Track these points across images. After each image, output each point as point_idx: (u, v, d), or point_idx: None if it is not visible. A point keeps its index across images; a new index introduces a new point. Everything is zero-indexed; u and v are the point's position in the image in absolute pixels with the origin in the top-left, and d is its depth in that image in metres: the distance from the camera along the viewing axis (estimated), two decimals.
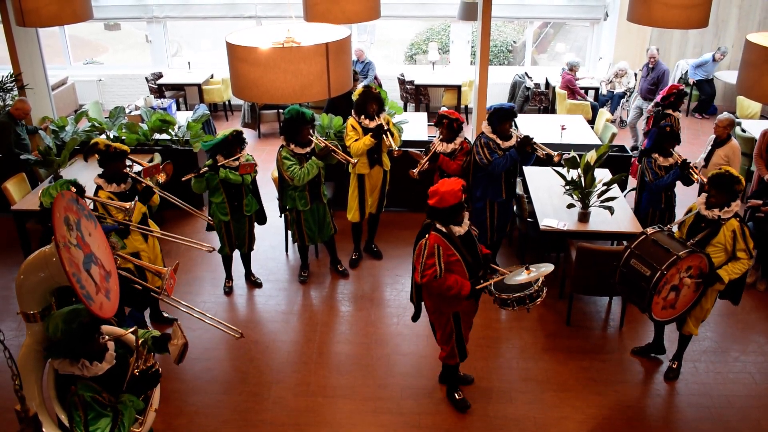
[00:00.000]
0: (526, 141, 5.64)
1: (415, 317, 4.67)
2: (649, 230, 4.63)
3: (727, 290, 4.73)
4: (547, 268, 4.16)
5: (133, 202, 4.78)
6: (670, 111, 7.05)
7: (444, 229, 4.17)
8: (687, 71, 10.98)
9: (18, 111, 6.96)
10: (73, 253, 2.55)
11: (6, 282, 6.41)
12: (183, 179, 5.51)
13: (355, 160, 5.80)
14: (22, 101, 7.04)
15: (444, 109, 6.31)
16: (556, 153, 5.66)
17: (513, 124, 5.83)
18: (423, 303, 4.59)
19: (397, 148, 6.02)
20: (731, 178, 4.50)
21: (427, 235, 4.16)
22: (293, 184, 5.66)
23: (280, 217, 6.48)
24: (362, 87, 6.11)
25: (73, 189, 4.59)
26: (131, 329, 3.23)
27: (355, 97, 6.14)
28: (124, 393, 3.08)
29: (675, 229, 4.95)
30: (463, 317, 4.50)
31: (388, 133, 5.99)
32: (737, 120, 8.49)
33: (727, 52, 10.85)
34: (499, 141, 5.69)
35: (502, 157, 5.68)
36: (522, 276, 4.12)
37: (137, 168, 5.54)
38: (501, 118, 5.66)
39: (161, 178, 5.30)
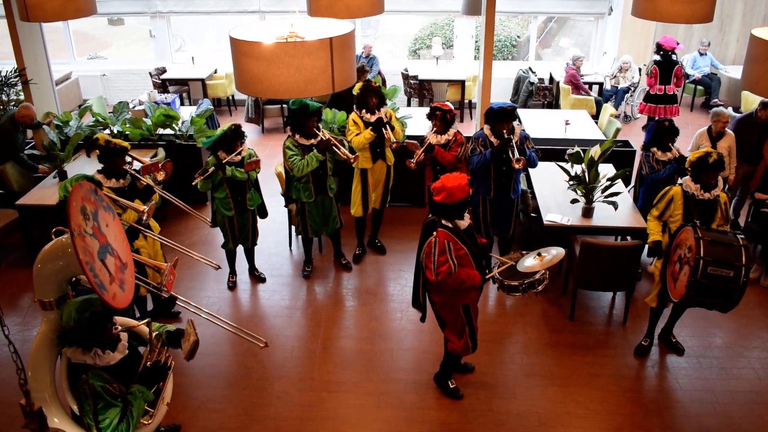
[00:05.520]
0: (503, 145, 5.53)
1: (423, 318, 4.65)
2: (699, 233, 4.53)
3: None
4: (559, 252, 4.15)
5: (147, 207, 4.76)
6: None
7: (450, 225, 4.15)
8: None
9: (24, 118, 6.73)
10: (88, 242, 2.56)
11: (11, 278, 6.44)
12: (193, 183, 5.52)
13: (353, 159, 5.73)
14: (27, 107, 6.76)
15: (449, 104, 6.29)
16: (520, 159, 5.43)
17: (509, 124, 5.56)
18: (428, 301, 4.56)
19: (396, 141, 6.01)
20: (719, 156, 4.65)
21: (435, 233, 4.12)
22: (292, 174, 5.72)
23: (286, 207, 6.48)
24: (362, 81, 6.11)
25: None
26: (144, 321, 3.25)
27: (355, 92, 6.14)
28: (135, 384, 3.11)
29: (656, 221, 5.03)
30: (471, 308, 4.50)
31: (388, 126, 5.98)
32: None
33: (709, 43, 10.98)
34: (493, 139, 5.65)
35: (479, 155, 5.65)
36: (534, 261, 4.12)
37: (137, 165, 5.54)
38: (491, 118, 5.61)
39: (160, 176, 5.29)
